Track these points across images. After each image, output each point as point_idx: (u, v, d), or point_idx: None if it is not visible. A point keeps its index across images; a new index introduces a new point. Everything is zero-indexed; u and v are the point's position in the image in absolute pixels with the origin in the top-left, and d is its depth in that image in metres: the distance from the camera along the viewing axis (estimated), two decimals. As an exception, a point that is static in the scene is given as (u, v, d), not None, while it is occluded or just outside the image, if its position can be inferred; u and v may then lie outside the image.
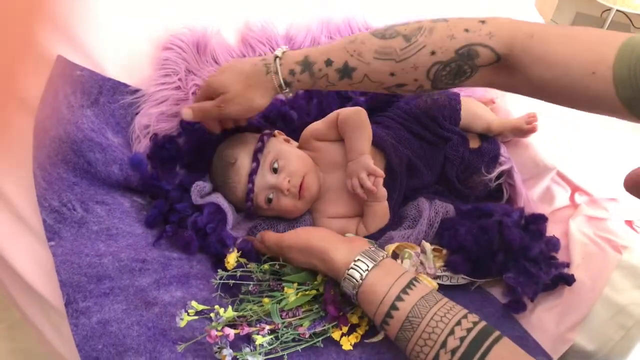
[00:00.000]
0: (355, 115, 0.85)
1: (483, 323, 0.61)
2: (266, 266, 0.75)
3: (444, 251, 0.81)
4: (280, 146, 0.85)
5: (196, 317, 0.66)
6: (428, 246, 0.80)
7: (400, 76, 0.70)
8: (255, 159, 0.82)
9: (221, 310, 0.66)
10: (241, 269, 0.74)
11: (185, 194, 0.83)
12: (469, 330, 0.59)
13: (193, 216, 0.80)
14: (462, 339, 0.58)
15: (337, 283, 0.70)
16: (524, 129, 0.94)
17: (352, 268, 0.66)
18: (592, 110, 0.63)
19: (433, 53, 0.67)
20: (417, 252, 0.79)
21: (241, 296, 0.74)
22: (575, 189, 0.92)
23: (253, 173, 0.81)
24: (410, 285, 0.64)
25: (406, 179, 0.88)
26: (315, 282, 0.73)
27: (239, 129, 0.90)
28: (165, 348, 0.65)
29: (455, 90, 0.97)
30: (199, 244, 0.80)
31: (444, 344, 0.59)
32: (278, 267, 0.75)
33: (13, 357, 1.18)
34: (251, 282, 0.74)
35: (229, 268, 0.73)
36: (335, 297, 0.70)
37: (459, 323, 0.60)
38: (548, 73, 0.62)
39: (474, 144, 0.95)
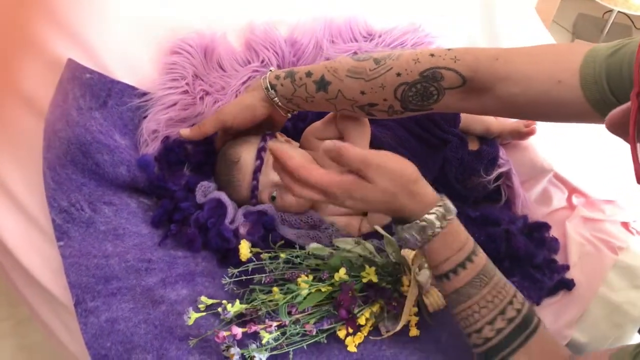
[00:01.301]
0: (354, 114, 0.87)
1: (528, 304, 0.62)
2: (283, 255, 0.75)
3: None
4: (286, 146, 0.87)
5: (203, 314, 0.68)
6: None
7: (370, 95, 0.74)
8: (259, 157, 0.83)
9: (229, 306, 0.68)
10: (253, 264, 0.74)
11: (190, 194, 0.84)
12: (522, 305, 0.60)
13: (195, 214, 0.81)
14: (518, 311, 0.60)
15: (354, 286, 0.71)
16: (522, 132, 0.95)
17: (439, 206, 0.62)
18: (564, 119, 0.66)
19: (399, 74, 0.71)
20: None
21: (251, 287, 0.74)
22: (572, 190, 0.94)
23: (257, 170, 0.83)
24: (477, 247, 0.64)
25: None
26: (334, 281, 0.73)
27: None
28: (172, 345, 0.67)
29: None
30: (202, 241, 0.81)
31: (503, 311, 0.59)
32: (295, 256, 0.76)
33: (21, 353, 1.19)
34: (263, 275, 0.74)
35: (242, 259, 0.74)
36: (352, 300, 0.71)
37: (515, 295, 0.61)
38: (515, 89, 0.65)
39: (473, 146, 0.97)
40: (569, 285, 0.80)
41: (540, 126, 0.96)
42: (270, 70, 0.82)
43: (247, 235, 0.80)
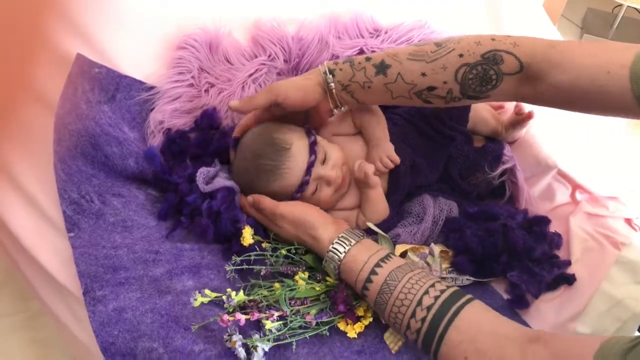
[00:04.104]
0: (369, 107, 0.88)
1: (456, 287, 0.66)
2: (283, 251, 0.77)
3: (450, 252, 0.83)
4: (323, 140, 0.87)
5: (209, 298, 0.69)
6: (437, 249, 0.82)
7: (431, 77, 0.75)
8: (313, 151, 0.83)
9: (233, 294, 0.69)
10: (255, 253, 0.76)
11: (194, 184, 0.83)
12: (442, 291, 0.64)
13: (205, 203, 0.81)
14: (436, 298, 0.63)
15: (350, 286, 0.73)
16: (519, 118, 0.95)
17: (336, 242, 0.74)
18: (608, 112, 0.68)
19: (461, 55, 0.73)
20: (424, 253, 0.82)
21: (252, 281, 0.76)
22: (576, 186, 0.94)
23: (311, 165, 0.82)
24: (387, 257, 0.71)
25: (409, 178, 0.90)
26: (328, 283, 0.75)
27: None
28: (177, 334, 0.68)
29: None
30: (214, 229, 0.81)
31: (419, 302, 0.64)
32: (294, 251, 0.78)
33: (32, 346, 1.20)
34: (263, 267, 0.76)
35: (245, 244, 0.76)
36: (347, 298, 0.73)
37: (432, 285, 0.65)
38: (565, 76, 0.67)
39: (478, 142, 0.97)
40: (569, 280, 0.80)
41: (545, 123, 0.96)
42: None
43: (249, 220, 0.81)
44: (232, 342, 0.66)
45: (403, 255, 0.81)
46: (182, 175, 0.85)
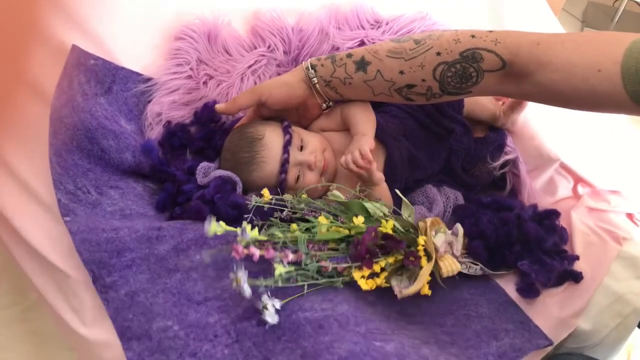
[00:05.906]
0: (357, 103, 0.87)
1: None
2: (304, 195, 0.75)
3: (465, 240, 0.83)
4: (301, 129, 0.87)
5: (222, 229, 0.66)
6: (461, 230, 0.81)
7: (409, 75, 0.75)
8: (288, 132, 0.83)
9: (248, 227, 0.67)
10: (276, 197, 0.74)
11: (192, 177, 0.83)
12: None
13: (199, 192, 0.80)
14: None
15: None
16: (517, 101, 0.94)
17: None
18: (600, 109, 0.66)
19: (438, 54, 0.72)
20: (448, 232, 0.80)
21: (272, 219, 0.74)
22: (578, 180, 0.94)
23: (287, 144, 0.82)
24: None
25: (407, 172, 0.89)
26: (352, 224, 0.72)
27: None
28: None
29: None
30: (209, 210, 0.78)
31: None
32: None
33: (29, 338, 1.20)
34: (285, 209, 0.74)
35: (267, 198, 0.74)
36: (374, 239, 0.69)
37: None
38: (554, 75, 0.65)
39: (479, 133, 0.96)
40: (576, 277, 0.80)
41: (547, 115, 0.95)
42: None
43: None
44: (237, 277, 0.63)
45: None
46: (180, 168, 0.84)
